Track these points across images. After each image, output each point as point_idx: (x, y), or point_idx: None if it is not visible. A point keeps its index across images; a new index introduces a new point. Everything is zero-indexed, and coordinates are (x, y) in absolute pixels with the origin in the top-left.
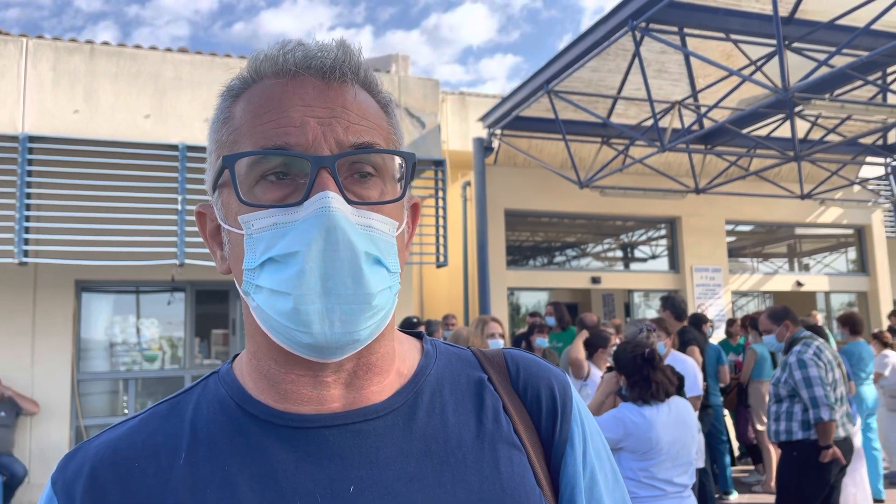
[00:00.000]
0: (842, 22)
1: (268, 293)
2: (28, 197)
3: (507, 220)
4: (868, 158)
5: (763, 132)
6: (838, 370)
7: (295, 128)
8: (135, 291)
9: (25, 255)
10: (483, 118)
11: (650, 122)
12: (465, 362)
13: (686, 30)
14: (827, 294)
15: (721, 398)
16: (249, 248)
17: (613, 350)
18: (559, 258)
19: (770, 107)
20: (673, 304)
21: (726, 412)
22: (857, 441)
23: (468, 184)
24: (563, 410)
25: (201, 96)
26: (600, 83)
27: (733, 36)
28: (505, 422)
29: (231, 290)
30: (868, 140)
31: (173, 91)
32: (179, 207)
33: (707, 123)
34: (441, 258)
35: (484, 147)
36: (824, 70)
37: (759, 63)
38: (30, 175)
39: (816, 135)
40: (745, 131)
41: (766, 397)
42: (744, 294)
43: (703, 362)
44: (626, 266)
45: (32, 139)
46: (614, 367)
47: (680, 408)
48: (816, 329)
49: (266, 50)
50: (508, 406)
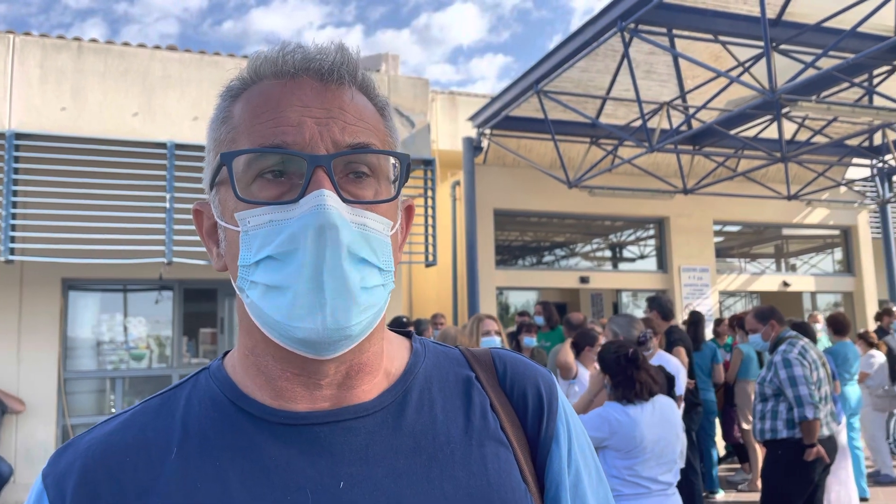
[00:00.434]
0: (828, 24)
1: (262, 289)
2: (14, 194)
3: (496, 220)
4: (854, 160)
5: (750, 133)
6: (823, 369)
7: (292, 127)
8: (122, 290)
9: (11, 252)
10: (472, 118)
11: (639, 123)
12: (454, 361)
13: (674, 31)
14: (813, 294)
15: (714, 396)
16: (245, 244)
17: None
18: (548, 258)
19: (757, 108)
20: (659, 304)
21: None
22: (843, 440)
23: (457, 183)
24: (548, 409)
25: (190, 94)
26: (589, 83)
27: (721, 37)
28: (492, 419)
29: (219, 289)
30: (854, 142)
31: (162, 89)
32: (167, 206)
33: (695, 124)
34: (430, 257)
35: (473, 147)
36: (811, 72)
37: (747, 64)
38: (16, 172)
39: (803, 136)
40: (732, 132)
41: (752, 397)
42: (731, 294)
43: (691, 361)
44: (615, 266)
45: (19, 136)
46: (599, 366)
47: (664, 406)
48: (803, 328)
49: (266, 52)
50: (495, 404)
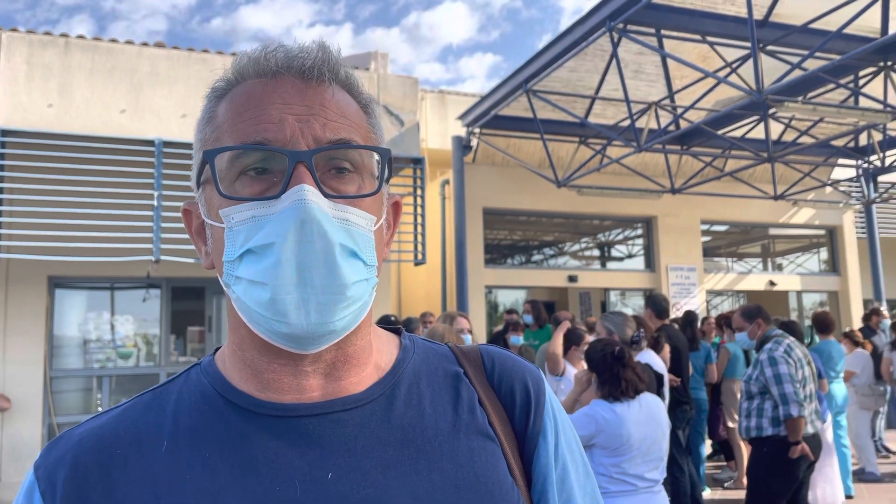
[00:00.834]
0: (815, 26)
1: (246, 284)
2: (0, 192)
3: (485, 219)
4: (840, 160)
5: (738, 133)
6: (808, 368)
7: (273, 124)
8: (109, 288)
9: None
10: (462, 117)
11: (627, 123)
12: (442, 357)
13: (663, 31)
14: (799, 293)
15: (706, 395)
16: (229, 240)
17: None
18: (536, 257)
19: (745, 108)
20: (654, 302)
21: None
22: (829, 437)
23: (447, 182)
24: (536, 404)
25: (178, 91)
26: (578, 83)
27: (709, 38)
28: (480, 414)
29: (207, 287)
30: (840, 142)
31: (150, 86)
32: (155, 203)
33: (683, 124)
34: (419, 256)
35: (463, 145)
36: (798, 73)
37: (735, 65)
38: (2, 169)
39: (790, 136)
40: (720, 132)
41: (738, 395)
42: (718, 293)
43: (680, 359)
44: (603, 265)
45: (5, 133)
46: (586, 364)
47: (651, 404)
48: (790, 327)
49: (249, 52)
50: (483, 399)
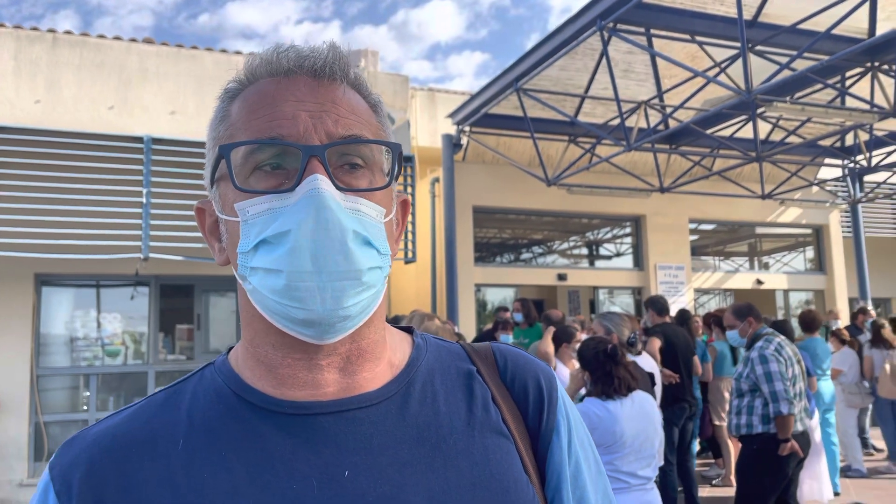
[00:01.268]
0: (803, 26)
1: (262, 273)
2: None
3: (475, 217)
4: (826, 160)
5: (726, 133)
6: (798, 366)
7: (287, 120)
8: (97, 285)
9: None
10: (452, 115)
11: (617, 122)
12: (455, 355)
13: (652, 31)
14: (786, 292)
15: (700, 393)
16: (244, 233)
17: (577, 346)
18: (526, 255)
19: (733, 108)
20: (653, 301)
21: None
22: (817, 436)
23: (437, 180)
24: (549, 402)
25: (167, 88)
26: (568, 82)
27: (698, 38)
28: (493, 411)
29: (196, 285)
30: (827, 142)
31: (138, 82)
32: (144, 201)
33: (672, 123)
34: (409, 254)
35: (453, 144)
36: (786, 73)
37: (724, 65)
38: None
39: (777, 136)
40: (708, 132)
41: (725, 393)
42: (705, 292)
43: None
44: (592, 263)
45: None
46: (578, 363)
47: (643, 402)
48: (780, 326)
49: (261, 53)
50: (497, 397)
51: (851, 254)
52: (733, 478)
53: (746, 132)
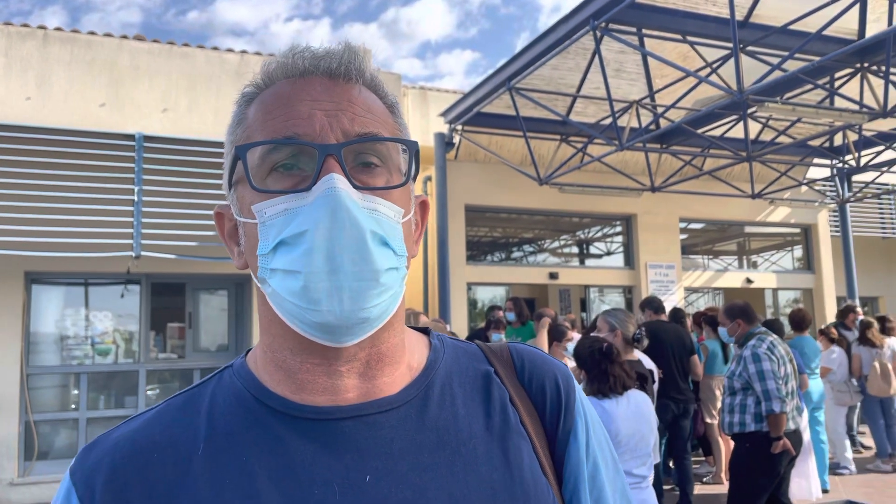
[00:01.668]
0: (794, 27)
1: (281, 275)
2: None
3: (466, 216)
4: (815, 160)
5: (717, 132)
6: (790, 365)
7: (303, 119)
8: (87, 283)
9: None
10: (444, 114)
11: (608, 121)
12: (472, 356)
13: (644, 31)
14: (775, 291)
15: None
16: (263, 235)
17: (573, 345)
18: (517, 254)
19: (724, 108)
20: (649, 301)
21: None
22: (806, 435)
23: (429, 179)
24: (566, 402)
25: (159, 86)
26: (560, 81)
27: (690, 38)
28: (512, 413)
29: (187, 283)
30: (816, 142)
31: (130, 80)
32: (136, 199)
33: (663, 123)
34: None
35: (445, 142)
36: (777, 73)
37: (715, 65)
38: None
39: (767, 136)
40: (699, 131)
41: (717, 392)
42: (696, 290)
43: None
44: (583, 262)
45: None
46: (574, 362)
47: (638, 400)
48: (772, 325)
49: (277, 56)
50: (514, 398)
51: (839, 253)
52: (724, 475)
53: (737, 132)
